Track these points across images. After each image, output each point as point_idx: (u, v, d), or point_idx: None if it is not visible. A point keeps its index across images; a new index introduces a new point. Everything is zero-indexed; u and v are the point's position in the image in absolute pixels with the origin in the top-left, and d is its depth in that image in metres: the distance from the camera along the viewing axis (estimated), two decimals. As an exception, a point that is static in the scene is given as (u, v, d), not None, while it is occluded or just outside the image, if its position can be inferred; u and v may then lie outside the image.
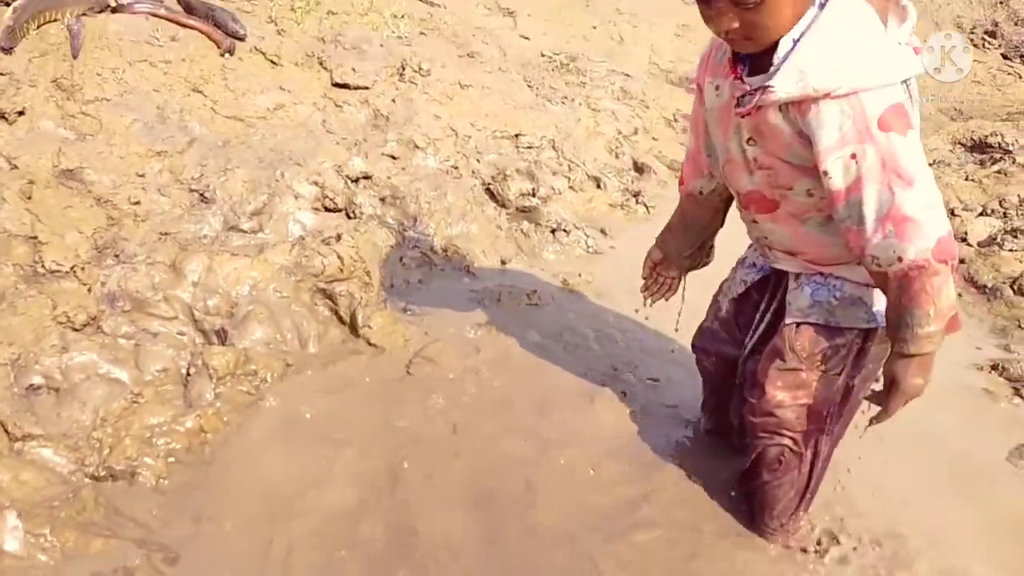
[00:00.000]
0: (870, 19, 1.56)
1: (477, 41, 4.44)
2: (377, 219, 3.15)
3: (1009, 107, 4.89)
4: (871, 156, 1.53)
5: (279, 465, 2.11)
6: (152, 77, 3.28)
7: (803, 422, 1.88)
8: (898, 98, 1.54)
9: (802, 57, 1.52)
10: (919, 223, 1.53)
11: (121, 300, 2.48)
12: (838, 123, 1.53)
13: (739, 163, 1.78)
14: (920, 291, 1.55)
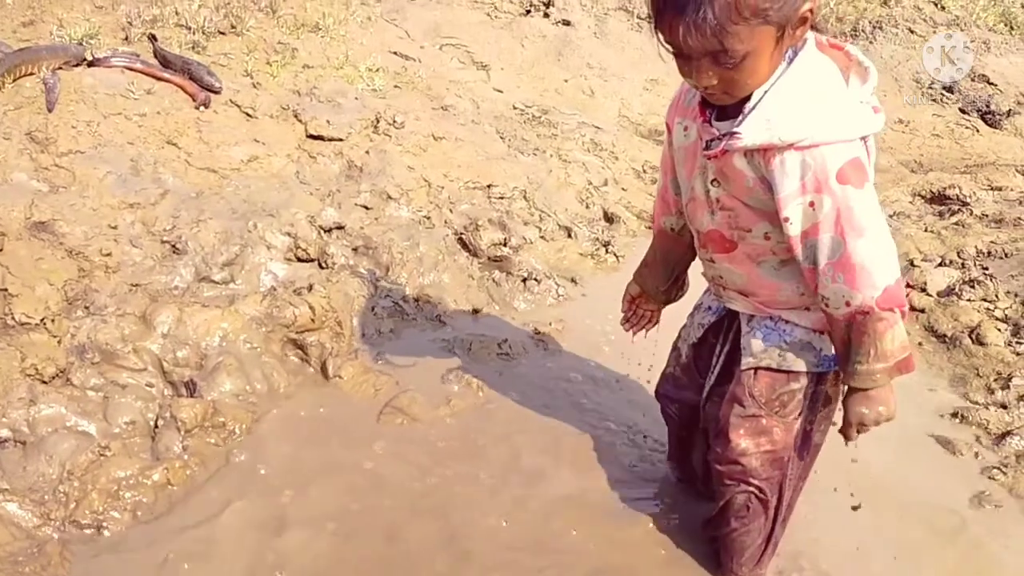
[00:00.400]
0: (834, 77, 1.64)
1: (451, 94, 4.52)
2: (349, 269, 3.18)
3: (967, 160, 5.02)
4: (828, 206, 1.61)
5: (244, 518, 2.11)
6: (127, 130, 3.32)
7: (767, 469, 1.93)
8: (856, 153, 1.62)
9: (769, 107, 1.59)
10: (868, 272, 1.63)
11: (90, 352, 2.48)
12: (799, 173, 1.61)
13: (702, 202, 1.84)
14: (863, 333, 1.68)
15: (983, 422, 2.75)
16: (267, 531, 2.07)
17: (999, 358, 3.04)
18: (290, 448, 2.36)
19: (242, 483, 2.22)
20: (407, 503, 2.21)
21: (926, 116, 5.48)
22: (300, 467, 2.30)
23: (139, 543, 2.02)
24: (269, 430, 2.42)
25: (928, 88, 5.67)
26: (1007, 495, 2.47)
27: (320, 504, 2.17)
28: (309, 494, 2.20)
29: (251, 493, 2.19)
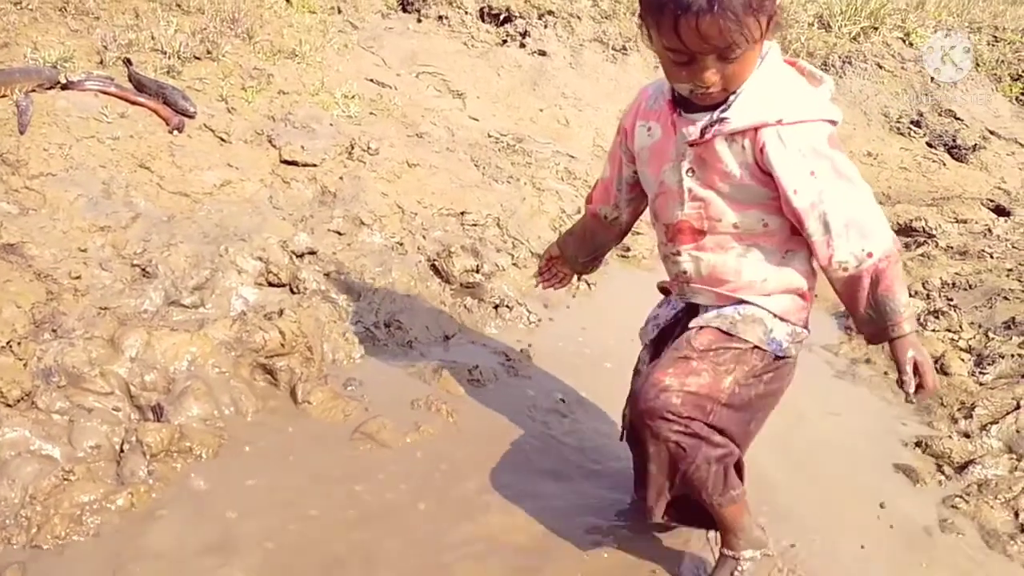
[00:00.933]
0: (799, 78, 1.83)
1: (426, 122, 4.56)
2: (321, 294, 3.18)
3: (934, 193, 5.12)
4: (827, 169, 1.74)
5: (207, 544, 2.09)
6: (99, 153, 3.32)
7: (688, 408, 1.85)
8: (832, 128, 1.78)
9: (753, 94, 1.74)
10: (876, 219, 1.76)
11: (57, 375, 2.46)
12: (796, 144, 1.73)
13: (673, 193, 1.92)
14: (895, 278, 1.77)
15: (946, 451, 2.78)
16: (231, 557, 2.06)
17: (963, 388, 3.09)
18: (257, 473, 2.34)
19: (206, 509, 2.20)
20: (374, 530, 2.20)
21: (894, 149, 5.59)
22: (265, 493, 2.28)
23: (101, 568, 1.99)
24: (236, 455, 2.41)
25: (896, 121, 5.78)
26: (969, 523, 2.50)
27: (284, 530, 2.16)
28: (273, 520, 2.18)
29: (215, 519, 2.17)
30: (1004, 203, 4.92)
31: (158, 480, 2.25)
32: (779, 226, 1.86)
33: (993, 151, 5.59)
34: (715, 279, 1.95)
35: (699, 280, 1.97)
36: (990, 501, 2.55)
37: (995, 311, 3.57)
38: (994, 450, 2.79)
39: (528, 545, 2.22)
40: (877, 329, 1.84)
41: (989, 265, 4.00)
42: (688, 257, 1.96)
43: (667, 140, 1.90)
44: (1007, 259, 4.07)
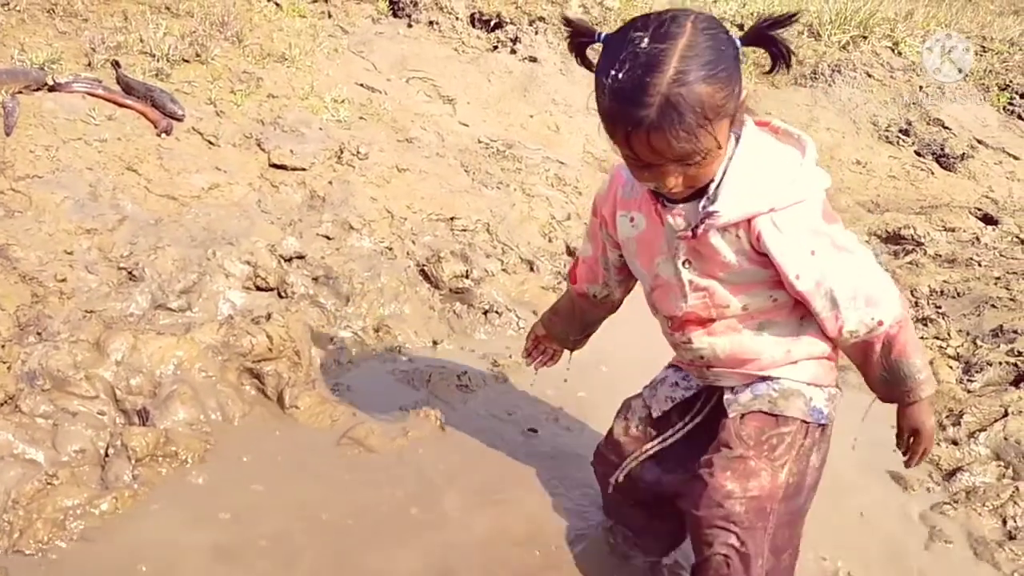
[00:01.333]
0: (781, 145, 1.73)
1: (416, 127, 4.55)
2: (309, 299, 3.16)
3: (922, 201, 5.13)
4: (826, 246, 1.68)
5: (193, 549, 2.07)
6: (86, 155, 3.30)
7: (751, 517, 1.80)
8: (823, 198, 1.70)
9: (737, 182, 1.64)
10: (882, 286, 1.71)
11: (41, 379, 2.44)
12: (793, 229, 1.66)
13: (673, 286, 1.84)
14: (906, 343, 1.72)
15: (934, 458, 2.78)
16: (218, 562, 2.04)
17: (951, 395, 3.09)
18: (243, 478, 2.32)
19: (191, 514, 2.18)
20: (364, 536, 2.18)
21: (882, 158, 5.60)
22: (252, 498, 2.26)
23: (85, 573, 1.97)
24: (222, 460, 2.39)
25: (885, 130, 5.80)
26: (958, 530, 2.50)
27: (272, 535, 2.14)
28: (259, 525, 2.17)
29: (200, 525, 2.15)
30: (992, 212, 4.94)
31: (143, 485, 2.23)
32: (788, 298, 1.79)
33: (981, 160, 5.62)
34: (736, 360, 1.86)
35: (719, 364, 1.88)
36: (978, 508, 2.56)
37: (983, 319, 3.58)
38: (982, 457, 2.79)
39: (519, 550, 2.21)
40: (891, 391, 1.80)
41: (977, 273, 4.02)
42: (702, 343, 1.87)
43: (654, 231, 1.80)
44: (995, 267, 4.08)
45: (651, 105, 1.47)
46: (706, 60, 1.48)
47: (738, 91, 1.56)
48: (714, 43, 1.50)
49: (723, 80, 1.50)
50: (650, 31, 1.50)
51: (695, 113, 1.48)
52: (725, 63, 1.51)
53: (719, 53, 1.50)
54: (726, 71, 1.51)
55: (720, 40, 1.52)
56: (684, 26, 1.49)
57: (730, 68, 1.52)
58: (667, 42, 1.48)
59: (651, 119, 1.48)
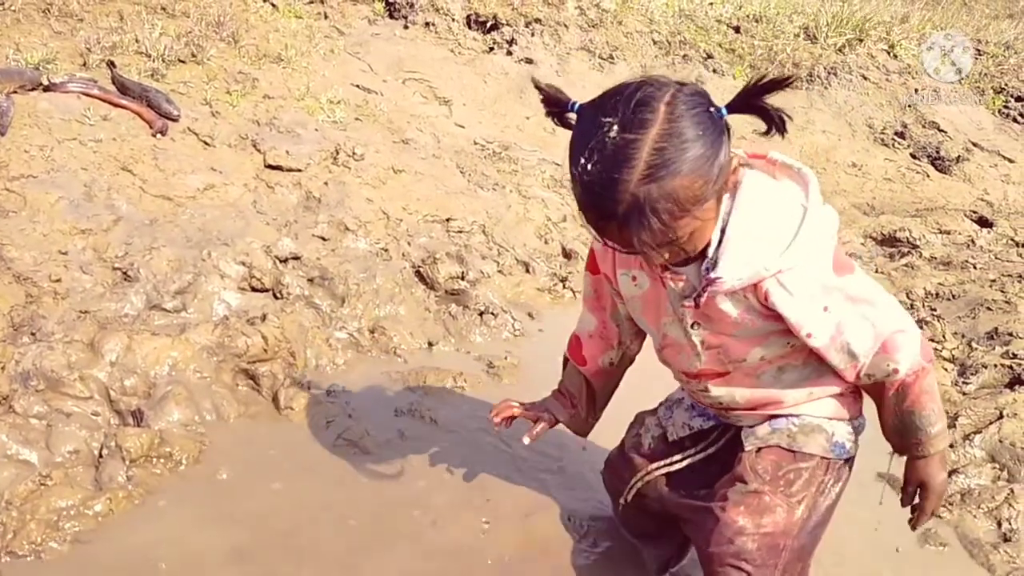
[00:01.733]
0: (781, 191, 1.60)
1: (412, 128, 4.54)
2: (304, 300, 3.15)
3: (917, 204, 5.15)
4: (839, 301, 1.59)
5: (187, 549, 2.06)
6: (81, 155, 3.29)
7: (763, 555, 1.75)
8: (833, 245, 1.60)
9: (739, 244, 1.54)
10: (903, 334, 1.61)
11: (35, 379, 2.43)
12: (802, 288, 1.56)
13: (683, 346, 1.78)
14: (921, 393, 1.63)
15: (930, 460, 2.78)
16: (212, 563, 2.03)
17: (946, 397, 3.09)
18: (238, 479, 2.32)
19: (186, 515, 2.17)
20: (361, 537, 2.18)
21: (878, 160, 5.62)
22: (246, 499, 2.26)
23: (77, 574, 1.96)
24: (217, 461, 2.38)
25: (881, 133, 5.81)
26: (953, 533, 2.50)
27: (267, 536, 2.13)
28: (254, 526, 2.16)
29: (195, 526, 2.14)
30: (987, 215, 4.95)
31: (137, 486, 2.22)
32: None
33: (976, 163, 5.63)
34: (757, 404, 1.80)
35: (739, 408, 1.83)
36: (973, 510, 2.56)
37: (978, 321, 3.59)
38: (977, 460, 2.79)
39: (516, 550, 2.20)
40: (902, 441, 1.72)
41: (972, 276, 4.02)
42: (720, 392, 1.81)
43: (658, 292, 1.72)
44: (990, 270, 4.09)
45: (620, 203, 1.36)
46: (680, 150, 1.36)
47: (723, 166, 1.43)
48: (691, 127, 1.37)
49: (701, 168, 1.38)
50: (620, 116, 1.36)
51: (668, 209, 1.38)
52: (703, 147, 1.38)
53: (696, 138, 1.37)
54: (705, 156, 1.38)
55: (698, 121, 1.39)
56: (657, 111, 1.36)
57: (710, 151, 1.39)
58: (637, 132, 1.35)
59: (620, 218, 1.38)
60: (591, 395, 2.12)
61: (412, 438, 2.60)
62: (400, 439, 2.59)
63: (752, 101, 1.45)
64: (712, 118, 1.41)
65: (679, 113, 1.37)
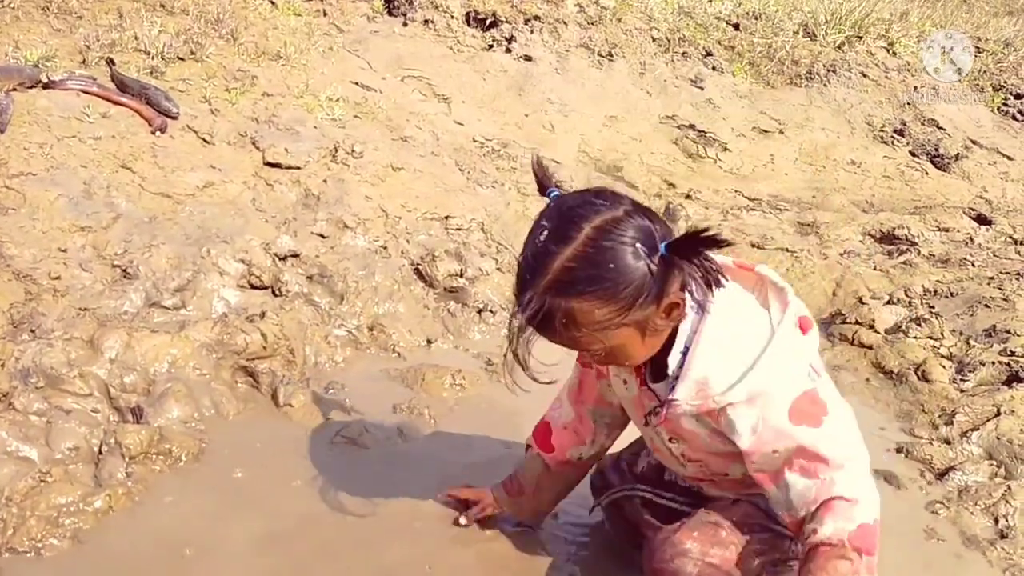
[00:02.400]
0: (753, 314, 1.61)
1: (411, 126, 4.55)
2: (303, 297, 3.16)
3: (916, 201, 5.15)
4: (791, 450, 1.57)
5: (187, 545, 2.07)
6: (80, 153, 3.29)
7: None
8: (803, 386, 1.58)
9: (698, 367, 1.55)
10: (847, 504, 1.55)
11: (35, 376, 2.44)
12: (751, 426, 1.57)
13: (667, 455, 1.82)
14: (820, 568, 1.53)
15: (927, 457, 2.79)
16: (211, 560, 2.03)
17: (943, 395, 3.10)
18: (238, 476, 2.32)
19: (185, 512, 2.18)
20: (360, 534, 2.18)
21: (877, 158, 5.62)
22: (246, 496, 2.26)
23: (77, 570, 1.97)
24: (216, 458, 2.38)
25: (880, 130, 5.82)
26: (950, 529, 2.50)
27: (265, 533, 2.14)
28: (254, 523, 2.16)
29: (194, 522, 2.15)
30: (985, 212, 4.95)
31: (137, 482, 2.23)
32: None
33: (975, 160, 5.64)
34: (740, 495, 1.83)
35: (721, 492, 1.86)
36: (970, 507, 2.56)
37: (976, 319, 3.59)
38: (975, 457, 2.80)
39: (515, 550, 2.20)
40: None
41: (971, 273, 4.03)
42: (712, 492, 1.85)
43: (642, 400, 1.75)
44: (988, 267, 4.09)
45: (529, 301, 1.46)
46: (586, 276, 1.42)
47: (646, 299, 1.45)
48: (607, 258, 1.42)
49: (605, 297, 1.43)
50: (552, 225, 1.46)
51: (567, 324, 1.46)
52: (612, 279, 1.42)
53: (609, 270, 1.42)
54: (612, 288, 1.43)
55: (617, 255, 1.42)
56: (581, 232, 1.43)
57: (620, 285, 1.43)
58: (557, 245, 1.43)
59: (529, 313, 1.48)
60: (548, 483, 2.11)
61: (410, 435, 2.60)
62: (398, 436, 2.59)
63: (687, 253, 1.45)
64: (637, 255, 1.43)
65: (601, 241, 1.42)
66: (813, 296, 3.93)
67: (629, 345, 1.53)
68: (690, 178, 5.17)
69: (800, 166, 5.49)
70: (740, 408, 1.55)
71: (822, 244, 4.39)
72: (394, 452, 2.52)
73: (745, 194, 5.04)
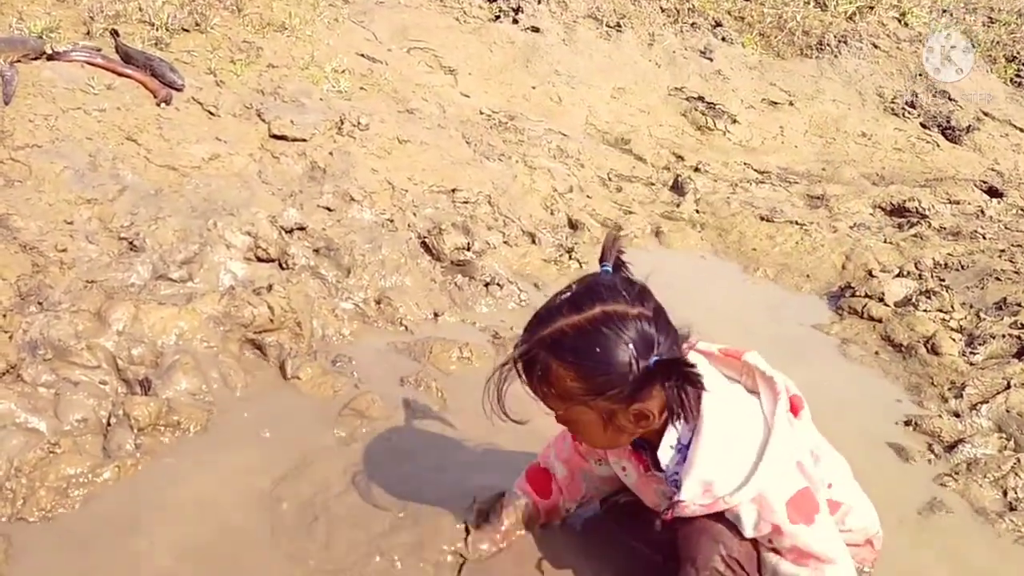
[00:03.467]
0: (745, 407, 1.70)
1: (417, 98, 4.52)
2: (310, 270, 3.15)
3: (927, 174, 5.11)
4: (787, 543, 1.66)
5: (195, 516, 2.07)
6: (85, 125, 3.28)
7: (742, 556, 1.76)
8: (798, 484, 1.66)
9: (701, 469, 1.64)
10: None
11: (43, 348, 2.44)
12: (753, 521, 1.65)
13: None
14: None
15: (936, 430, 2.78)
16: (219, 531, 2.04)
17: (953, 367, 3.09)
18: (246, 447, 2.32)
19: (192, 483, 2.18)
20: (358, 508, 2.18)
21: (888, 130, 5.57)
22: (255, 467, 2.26)
23: (86, 540, 1.98)
24: (224, 429, 2.39)
25: (891, 102, 5.76)
26: (959, 502, 2.50)
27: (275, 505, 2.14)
28: (261, 494, 2.17)
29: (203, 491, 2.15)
30: (997, 184, 4.92)
31: (145, 454, 2.23)
32: None
33: (987, 132, 5.59)
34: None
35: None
36: (979, 480, 2.56)
37: (987, 291, 3.57)
38: (984, 429, 2.79)
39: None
40: None
41: (981, 246, 4.00)
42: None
43: (647, 485, 1.83)
44: (999, 240, 4.07)
45: (524, 344, 1.61)
46: (573, 347, 1.55)
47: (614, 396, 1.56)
48: (599, 343, 1.53)
49: (580, 373, 1.55)
50: (576, 292, 1.60)
51: (540, 375, 1.59)
52: (593, 362, 1.54)
53: (592, 352, 1.54)
54: (591, 371, 1.54)
55: (609, 346, 1.53)
56: (592, 309, 1.55)
57: (597, 371, 1.54)
58: (567, 311, 1.57)
59: (518, 352, 1.62)
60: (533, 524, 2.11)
61: (419, 409, 2.60)
62: (406, 409, 2.59)
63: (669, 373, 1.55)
64: (626, 353, 1.53)
65: (601, 326, 1.54)
66: (822, 269, 3.92)
67: (589, 426, 1.65)
68: (699, 150, 5.14)
69: (810, 138, 5.44)
70: (744, 508, 1.64)
71: (832, 217, 4.36)
72: (401, 425, 2.52)
73: (754, 167, 5.00)
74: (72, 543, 1.96)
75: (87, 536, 1.99)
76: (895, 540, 2.33)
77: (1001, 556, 2.31)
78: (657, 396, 1.58)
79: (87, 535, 1.99)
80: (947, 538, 2.36)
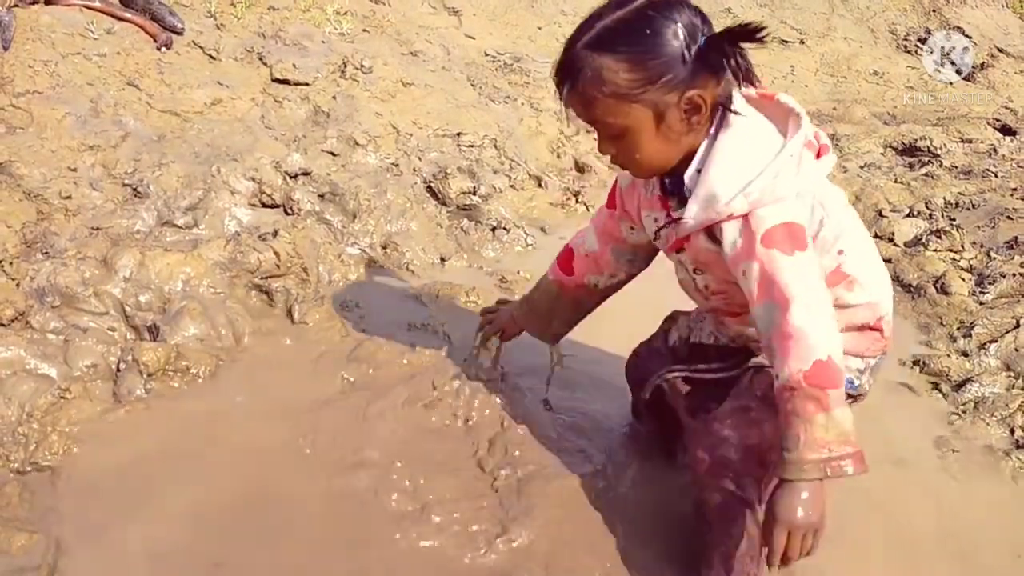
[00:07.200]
0: (764, 137, 1.62)
1: (421, 40, 4.45)
2: (315, 215, 3.14)
3: (940, 112, 5.04)
4: (756, 271, 1.56)
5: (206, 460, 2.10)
6: (86, 70, 3.24)
7: (748, 464, 1.75)
8: (793, 217, 1.57)
9: (708, 184, 1.60)
10: (797, 342, 1.51)
11: (50, 295, 2.45)
12: (732, 239, 1.59)
13: (691, 287, 1.84)
14: (790, 413, 1.52)
15: (944, 369, 2.78)
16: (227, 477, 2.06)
17: (962, 307, 3.08)
18: (254, 392, 2.34)
19: (202, 426, 2.20)
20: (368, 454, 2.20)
21: (900, 68, 5.48)
22: (263, 412, 2.28)
23: (98, 484, 2.00)
24: (233, 374, 2.40)
25: (904, 39, 5.66)
26: (965, 440, 2.50)
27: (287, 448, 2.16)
28: (272, 437, 2.19)
29: (213, 435, 2.17)
30: (1010, 122, 4.84)
31: (156, 398, 2.25)
32: None
33: (1001, 69, 5.49)
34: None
35: (754, 341, 1.83)
36: (986, 418, 2.56)
37: (998, 231, 3.54)
38: (992, 368, 2.79)
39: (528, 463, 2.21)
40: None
41: (993, 184, 3.96)
42: (733, 330, 1.87)
43: (670, 237, 1.77)
44: (1011, 179, 4.02)
45: (564, 54, 1.57)
46: (625, 37, 1.51)
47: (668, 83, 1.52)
48: (647, 24, 1.50)
49: (633, 61, 1.51)
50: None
51: (590, 79, 1.53)
52: (646, 46, 1.50)
53: (644, 37, 1.50)
54: (643, 55, 1.50)
55: (657, 29, 1.50)
56: (636, 3, 1.52)
57: (651, 54, 1.50)
58: (613, 10, 1.53)
59: (559, 69, 1.58)
60: (560, 310, 2.19)
61: (426, 353, 2.59)
62: (413, 353, 2.59)
63: (718, 43, 1.51)
64: (676, 35, 1.50)
65: (648, 11, 1.51)
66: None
67: (641, 134, 1.58)
68: (707, 91, 5.06)
69: (821, 77, 5.36)
70: (733, 222, 1.59)
71: (843, 157, 4.31)
72: (411, 370, 2.52)
73: (763, 107, 4.93)
74: (84, 487, 1.99)
75: (99, 480, 2.01)
76: (902, 477, 2.35)
77: (1010, 493, 2.32)
78: (710, 83, 1.55)
79: (99, 479, 2.02)
80: (953, 476, 2.37)
